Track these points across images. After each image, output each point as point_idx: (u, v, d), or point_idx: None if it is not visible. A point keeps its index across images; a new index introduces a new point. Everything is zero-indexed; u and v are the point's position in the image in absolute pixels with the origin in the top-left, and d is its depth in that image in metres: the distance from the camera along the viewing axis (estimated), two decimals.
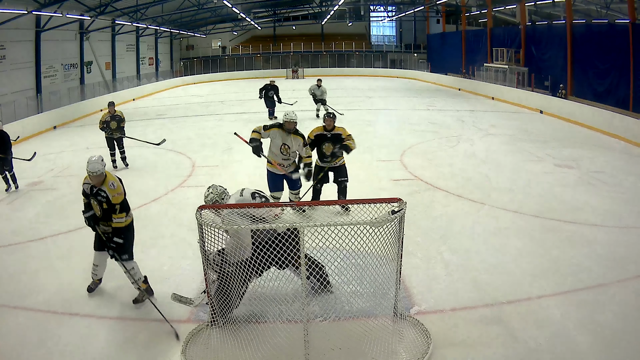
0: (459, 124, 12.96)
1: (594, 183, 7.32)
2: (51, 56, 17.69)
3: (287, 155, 5.57)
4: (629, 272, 4.44)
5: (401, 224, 3.46)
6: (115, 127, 8.80)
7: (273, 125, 5.60)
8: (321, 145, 5.83)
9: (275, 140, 5.56)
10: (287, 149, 5.54)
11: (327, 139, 5.80)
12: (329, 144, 5.80)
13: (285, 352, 3.28)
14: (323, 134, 5.82)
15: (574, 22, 17.07)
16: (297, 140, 5.52)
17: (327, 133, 5.81)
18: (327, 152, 5.81)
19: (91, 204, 4.08)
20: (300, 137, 5.54)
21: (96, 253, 4.20)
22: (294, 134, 5.50)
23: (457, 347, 3.42)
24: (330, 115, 5.95)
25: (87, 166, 3.97)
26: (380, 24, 36.65)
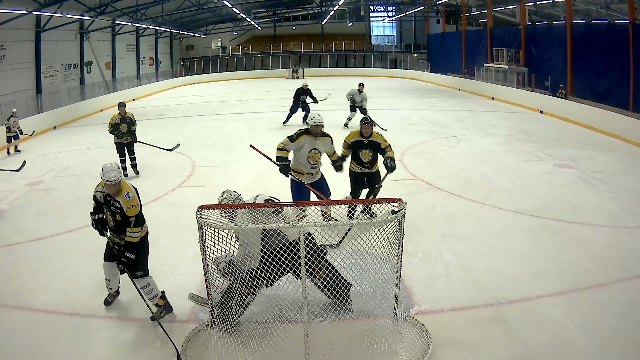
0: (459, 124, 12.96)
1: (594, 183, 7.32)
2: (51, 56, 17.70)
3: (316, 162, 5.32)
4: (629, 272, 4.44)
5: (401, 224, 3.46)
6: (126, 130, 8.05)
7: (300, 133, 5.28)
8: (358, 152, 5.52)
9: (303, 149, 5.23)
10: (317, 154, 5.28)
11: (365, 145, 5.47)
12: (366, 151, 5.48)
13: (285, 352, 3.28)
14: (360, 140, 5.46)
15: (574, 22, 17.07)
16: (327, 142, 5.33)
17: (365, 140, 5.46)
18: (365, 159, 5.50)
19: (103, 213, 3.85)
20: (328, 137, 5.36)
21: (105, 264, 3.91)
22: (322, 137, 5.29)
23: (457, 347, 3.42)
24: (368, 121, 5.51)
25: (103, 174, 3.67)
26: (380, 24, 36.66)
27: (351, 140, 5.52)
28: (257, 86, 25.84)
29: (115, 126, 8.01)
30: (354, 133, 5.56)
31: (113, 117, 8.10)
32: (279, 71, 32.80)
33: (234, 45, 35.93)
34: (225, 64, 33.87)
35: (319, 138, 5.27)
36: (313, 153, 5.25)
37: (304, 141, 5.23)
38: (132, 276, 3.77)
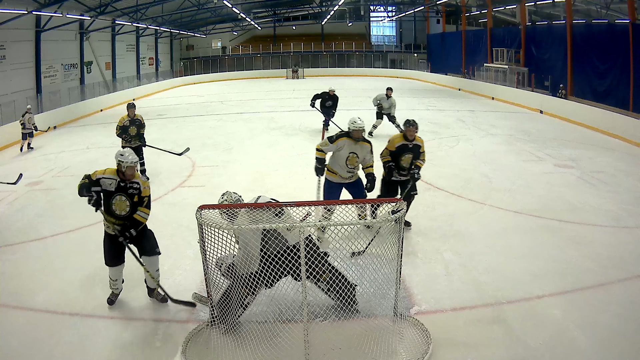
0: (459, 124, 12.96)
1: (594, 183, 7.33)
2: (51, 56, 17.71)
3: (354, 166, 5.13)
4: (629, 272, 4.44)
5: (401, 224, 3.46)
6: (135, 133, 7.57)
7: (340, 135, 5.10)
8: (400, 157, 5.20)
9: (341, 151, 5.05)
10: (355, 158, 5.07)
11: (409, 149, 5.17)
12: (408, 155, 5.18)
13: (285, 352, 3.28)
14: (405, 144, 5.15)
15: (574, 22, 17.08)
16: (365, 148, 5.10)
17: (409, 143, 5.16)
18: (406, 164, 5.21)
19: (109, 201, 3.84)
20: (368, 143, 5.13)
21: (112, 269, 3.95)
22: (362, 142, 5.08)
23: (457, 347, 3.42)
24: (413, 122, 5.15)
25: (123, 158, 3.84)
26: (380, 24, 36.67)
27: (397, 145, 5.18)
28: (257, 86, 25.85)
29: (123, 129, 7.50)
30: (397, 137, 5.24)
31: (121, 119, 7.59)
32: (279, 71, 32.80)
33: (234, 45, 35.94)
34: (225, 64, 33.88)
35: (358, 142, 5.05)
36: (351, 157, 5.06)
37: (343, 144, 5.03)
38: (153, 253, 3.95)
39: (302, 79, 31.07)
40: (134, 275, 4.36)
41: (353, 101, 18.26)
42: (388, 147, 5.25)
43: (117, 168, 3.95)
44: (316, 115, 14.94)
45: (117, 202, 3.89)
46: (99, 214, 3.97)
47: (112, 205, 3.89)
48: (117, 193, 3.89)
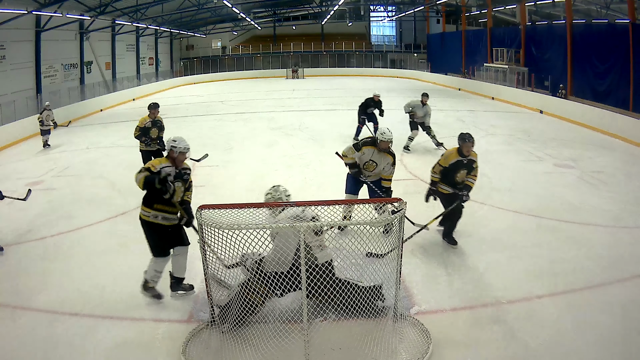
0: (459, 124, 12.96)
1: (594, 183, 7.33)
2: (51, 56, 17.72)
3: (370, 172, 5.26)
4: (629, 272, 4.44)
5: (401, 224, 3.46)
6: (156, 136, 7.01)
7: (366, 143, 5.21)
8: (455, 173, 4.96)
9: (363, 156, 5.22)
10: (374, 165, 5.20)
11: (463, 165, 4.92)
12: (463, 171, 4.95)
13: (285, 352, 3.28)
14: (460, 160, 4.90)
15: (574, 22, 17.07)
16: (387, 159, 5.15)
17: (464, 159, 4.90)
18: (460, 179, 4.96)
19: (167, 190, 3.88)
20: (391, 156, 5.17)
21: (161, 260, 3.96)
22: (385, 153, 5.15)
23: (457, 347, 3.42)
24: (470, 137, 4.88)
25: (178, 144, 3.97)
26: (380, 24, 36.68)
27: (451, 162, 4.90)
28: (257, 86, 25.85)
29: (144, 130, 6.91)
30: (451, 153, 4.96)
31: (143, 119, 6.97)
32: (279, 71, 32.81)
33: (234, 45, 35.94)
34: (225, 64, 33.89)
35: (381, 152, 5.15)
36: (370, 164, 5.21)
37: (367, 151, 5.19)
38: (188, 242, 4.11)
39: (302, 78, 31.07)
40: (133, 274, 4.36)
41: (353, 101, 18.26)
42: (441, 162, 4.96)
43: (169, 155, 4.04)
44: (316, 116, 14.96)
45: (178, 189, 4.01)
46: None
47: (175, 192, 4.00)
48: (175, 180, 3.98)
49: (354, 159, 5.24)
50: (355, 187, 5.41)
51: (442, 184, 5.02)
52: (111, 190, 7.44)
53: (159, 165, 3.92)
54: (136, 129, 6.93)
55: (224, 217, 3.51)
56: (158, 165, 3.93)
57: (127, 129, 13.32)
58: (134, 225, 5.06)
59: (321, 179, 7.73)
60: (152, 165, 3.93)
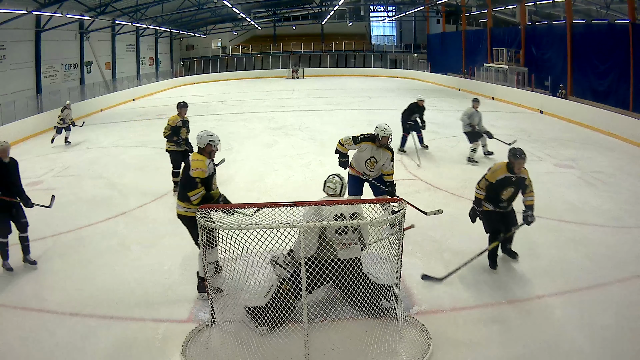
0: (459, 124, 12.91)
1: (594, 183, 7.33)
2: (51, 56, 17.71)
3: (372, 169, 5.28)
4: (629, 272, 4.44)
5: (401, 224, 3.46)
6: (185, 135, 6.92)
7: (364, 138, 5.19)
8: (500, 191, 4.51)
9: (362, 153, 5.23)
10: (374, 162, 5.22)
11: (511, 183, 4.46)
12: (510, 189, 4.50)
13: (285, 352, 3.28)
14: (508, 177, 4.43)
15: (574, 22, 17.07)
16: (386, 155, 5.18)
17: (513, 176, 4.44)
18: (506, 197, 4.53)
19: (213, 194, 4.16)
20: (390, 151, 5.20)
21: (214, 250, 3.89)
22: (384, 148, 5.17)
23: (457, 347, 3.42)
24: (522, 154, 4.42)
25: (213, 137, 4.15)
26: (380, 24, 36.67)
27: (497, 178, 4.46)
28: (257, 86, 25.85)
29: (175, 130, 6.79)
30: (499, 168, 4.48)
31: (174, 118, 6.82)
32: (279, 71, 32.80)
33: (234, 45, 35.94)
34: (225, 64, 33.88)
35: (380, 148, 5.16)
36: (371, 161, 5.22)
37: (365, 147, 5.19)
38: None
39: (302, 79, 31.07)
40: (133, 274, 4.36)
41: (352, 101, 18.28)
42: (488, 177, 4.51)
43: (204, 150, 4.15)
44: (316, 116, 14.96)
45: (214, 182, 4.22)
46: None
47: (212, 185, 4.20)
48: (214, 174, 4.22)
49: (347, 150, 5.26)
50: (357, 190, 5.41)
51: (484, 202, 4.60)
52: (111, 190, 7.44)
53: (206, 169, 4.06)
54: (167, 128, 6.81)
55: (224, 217, 3.52)
56: (205, 168, 4.05)
57: (127, 129, 13.35)
58: (134, 225, 5.11)
59: (321, 179, 7.66)
60: (202, 170, 4.02)
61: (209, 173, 4.07)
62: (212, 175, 4.15)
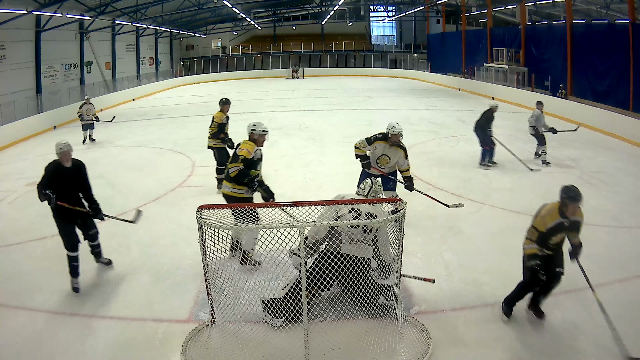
0: (459, 124, 12.96)
1: (594, 183, 7.33)
2: (51, 56, 17.70)
3: (384, 166, 5.42)
4: (629, 272, 4.44)
5: (401, 224, 3.46)
6: (227, 132, 7.01)
7: (377, 138, 5.35)
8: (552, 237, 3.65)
9: (375, 151, 5.40)
10: (387, 160, 5.38)
11: (564, 228, 3.61)
12: (562, 234, 3.66)
13: (285, 352, 3.28)
14: (561, 222, 3.57)
15: (574, 22, 17.08)
16: (398, 153, 5.34)
17: (566, 220, 3.57)
18: (555, 242, 3.69)
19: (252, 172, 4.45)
20: (402, 149, 5.34)
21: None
22: (396, 147, 5.32)
23: (457, 347, 3.42)
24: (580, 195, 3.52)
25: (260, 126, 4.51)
26: (380, 24, 36.68)
27: (550, 226, 3.57)
28: (257, 86, 25.85)
29: (221, 127, 6.90)
30: (551, 212, 3.59)
31: (220, 116, 6.89)
32: (279, 71, 32.81)
33: (234, 45, 35.94)
34: (225, 64, 33.88)
35: (393, 147, 5.31)
36: (383, 158, 5.39)
37: (378, 146, 5.37)
38: None
39: (302, 78, 31.08)
40: (133, 274, 4.36)
41: (352, 101, 18.29)
42: (537, 226, 3.60)
43: (256, 139, 4.55)
44: (316, 116, 14.97)
45: (259, 168, 4.59)
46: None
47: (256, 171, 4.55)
48: (260, 161, 4.59)
49: (364, 152, 5.41)
50: None
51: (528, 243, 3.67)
52: (111, 190, 7.44)
53: (252, 152, 4.47)
54: (214, 126, 6.87)
55: (224, 217, 3.52)
56: (252, 151, 4.47)
57: (127, 129, 13.35)
58: (133, 225, 5.06)
59: (321, 179, 7.73)
60: (248, 151, 4.44)
61: (254, 158, 4.50)
62: (257, 160, 4.55)
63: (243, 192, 4.53)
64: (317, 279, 3.52)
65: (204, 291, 3.82)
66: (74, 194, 4.32)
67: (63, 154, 4.29)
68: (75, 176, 4.36)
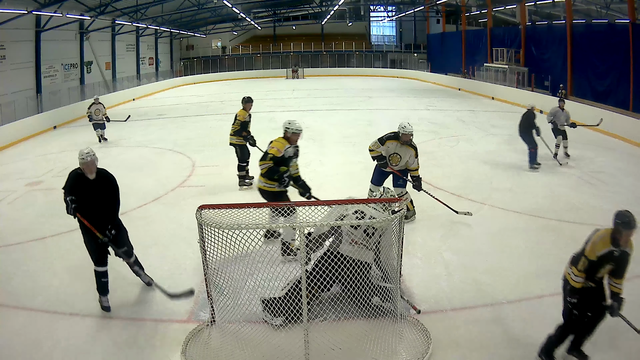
0: (459, 124, 12.96)
1: (594, 183, 7.33)
2: (51, 56, 17.70)
3: (395, 164, 5.62)
4: (629, 272, 4.41)
5: (401, 224, 3.46)
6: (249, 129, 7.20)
7: (389, 137, 5.56)
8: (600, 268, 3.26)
9: (387, 149, 5.59)
10: (398, 158, 5.57)
11: (613, 259, 3.21)
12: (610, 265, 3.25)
13: (285, 352, 3.28)
14: (612, 251, 3.19)
15: (574, 22, 17.08)
16: (409, 152, 5.52)
17: (617, 250, 3.18)
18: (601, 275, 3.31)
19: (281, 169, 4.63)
20: (413, 148, 5.53)
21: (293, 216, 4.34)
22: (407, 145, 5.50)
23: (457, 347, 3.42)
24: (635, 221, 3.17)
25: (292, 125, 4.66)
26: (380, 24, 36.68)
27: (600, 254, 3.18)
28: (257, 86, 25.84)
29: (244, 125, 7.10)
30: (602, 240, 3.23)
31: (243, 114, 7.07)
32: (279, 71, 32.80)
33: (234, 45, 35.93)
34: (225, 64, 33.87)
35: (404, 145, 5.50)
36: (394, 156, 5.58)
37: (391, 145, 5.55)
38: None
39: (302, 78, 31.07)
40: (134, 275, 4.36)
41: (352, 101, 18.28)
42: (588, 254, 3.20)
43: (290, 137, 4.71)
44: (316, 116, 14.96)
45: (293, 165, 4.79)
46: None
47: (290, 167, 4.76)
48: (295, 157, 4.76)
49: (380, 153, 5.59)
50: (380, 179, 5.77)
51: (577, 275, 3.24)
52: None
53: (283, 149, 4.61)
54: (237, 123, 7.02)
55: (224, 217, 3.51)
56: (282, 148, 4.61)
57: (128, 129, 13.33)
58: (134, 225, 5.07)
59: (321, 179, 7.72)
60: (277, 150, 4.59)
61: (285, 155, 4.65)
62: (288, 158, 4.70)
63: (275, 187, 4.76)
64: (317, 279, 3.52)
65: (204, 291, 3.82)
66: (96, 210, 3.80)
67: (86, 164, 3.84)
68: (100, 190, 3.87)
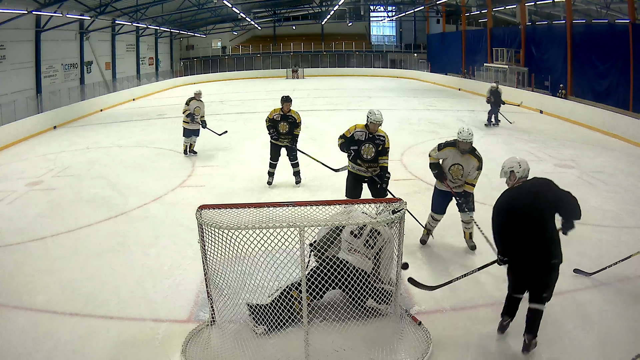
0: (459, 124, 12.94)
1: (594, 183, 7.32)
2: (51, 56, 17.69)
3: (457, 177, 4.83)
4: (629, 272, 4.44)
5: (401, 224, 3.46)
6: (286, 131, 6.90)
7: (447, 144, 4.80)
8: None
9: (446, 160, 4.83)
10: (460, 170, 4.77)
11: None
12: None
13: (285, 352, 3.28)
14: None
15: (574, 22, 17.07)
16: (472, 162, 4.74)
17: None
18: None
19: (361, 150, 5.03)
20: (476, 158, 4.74)
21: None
22: (470, 154, 4.74)
23: (457, 347, 3.42)
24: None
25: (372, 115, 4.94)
26: (380, 24, 36.67)
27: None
28: (257, 86, 25.84)
29: (273, 123, 6.86)
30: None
31: (272, 111, 6.92)
32: (279, 71, 32.81)
33: (234, 45, 35.93)
34: (225, 64, 33.87)
35: (465, 155, 4.75)
36: (455, 168, 4.79)
37: (448, 153, 4.81)
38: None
39: (302, 78, 31.07)
40: (133, 275, 4.36)
41: (352, 101, 18.28)
42: None
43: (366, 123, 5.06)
44: (316, 116, 14.96)
45: (368, 148, 5.04)
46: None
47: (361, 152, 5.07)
48: (368, 142, 5.04)
49: (437, 160, 4.90)
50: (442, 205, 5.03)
51: None
52: (111, 190, 7.44)
53: (353, 131, 5.04)
54: (266, 120, 7.05)
55: (224, 217, 3.51)
56: (353, 130, 5.04)
57: (127, 129, 13.35)
58: (134, 226, 5.10)
59: (321, 179, 7.72)
60: (348, 130, 5.07)
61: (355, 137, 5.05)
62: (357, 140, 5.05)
63: (349, 167, 5.26)
64: (315, 285, 3.52)
65: (204, 291, 3.82)
66: None
67: None
68: None
